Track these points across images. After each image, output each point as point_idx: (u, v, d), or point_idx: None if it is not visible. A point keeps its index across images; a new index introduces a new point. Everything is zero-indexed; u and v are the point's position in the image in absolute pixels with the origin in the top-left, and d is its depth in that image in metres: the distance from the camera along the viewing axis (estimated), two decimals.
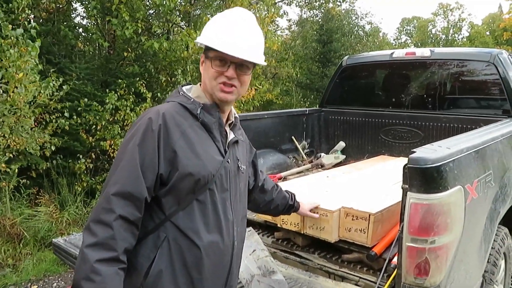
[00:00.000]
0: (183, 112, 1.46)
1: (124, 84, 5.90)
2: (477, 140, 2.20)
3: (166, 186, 1.39)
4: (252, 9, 8.19)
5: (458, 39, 32.75)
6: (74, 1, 7.05)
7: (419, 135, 3.96)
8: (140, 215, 1.35)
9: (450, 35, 33.19)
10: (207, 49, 1.48)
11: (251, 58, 1.46)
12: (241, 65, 1.46)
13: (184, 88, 1.57)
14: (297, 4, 14.93)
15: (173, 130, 1.39)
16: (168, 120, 1.40)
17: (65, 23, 6.48)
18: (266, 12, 8.85)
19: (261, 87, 8.93)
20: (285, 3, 13.94)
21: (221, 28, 1.46)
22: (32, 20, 4.60)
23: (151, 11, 7.11)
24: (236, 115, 1.65)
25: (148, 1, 7.04)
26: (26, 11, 4.56)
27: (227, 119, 1.60)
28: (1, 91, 4.18)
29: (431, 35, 34.55)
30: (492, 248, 2.37)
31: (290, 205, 2.15)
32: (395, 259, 1.97)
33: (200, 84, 1.56)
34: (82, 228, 2.08)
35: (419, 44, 32.76)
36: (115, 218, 1.29)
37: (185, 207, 1.40)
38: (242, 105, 7.87)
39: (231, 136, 1.58)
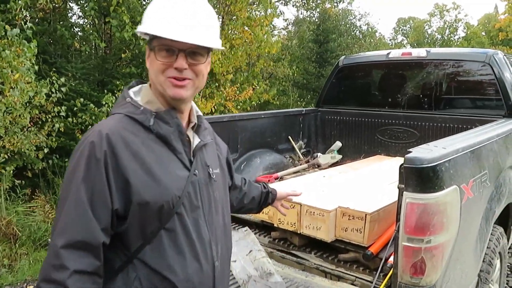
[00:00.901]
0: (132, 125, 1.20)
1: (122, 86, 5.89)
2: (473, 140, 2.21)
3: (125, 220, 1.16)
4: (250, 10, 8.16)
5: (454, 39, 32.84)
6: (71, 1, 7.03)
7: (415, 135, 3.97)
8: (99, 263, 1.12)
9: (446, 35, 33.26)
10: (150, 38, 1.23)
11: (203, 42, 1.19)
12: (192, 53, 1.20)
13: (131, 92, 1.29)
14: (293, 4, 14.94)
15: (122, 153, 1.14)
16: (115, 142, 1.14)
17: (61, 23, 6.46)
18: (263, 14, 8.81)
19: (258, 87, 8.92)
20: (281, 3, 13.96)
21: (162, 10, 1.20)
22: (28, 21, 4.57)
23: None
24: (199, 113, 1.37)
25: (145, 1, 7.02)
26: (23, 12, 4.54)
27: (188, 121, 1.33)
28: None
29: (427, 36, 34.62)
30: (487, 247, 2.39)
31: (265, 193, 1.84)
32: (391, 259, 1.98)
33: (150, 85, 1.28)
34: None
35: (415, 44, 32.82)
36: (69, 275, 1.06)
37: (152, 240, 1.17)
38: (239, 104, 7.86)
39: (196, 141, 1.31)
